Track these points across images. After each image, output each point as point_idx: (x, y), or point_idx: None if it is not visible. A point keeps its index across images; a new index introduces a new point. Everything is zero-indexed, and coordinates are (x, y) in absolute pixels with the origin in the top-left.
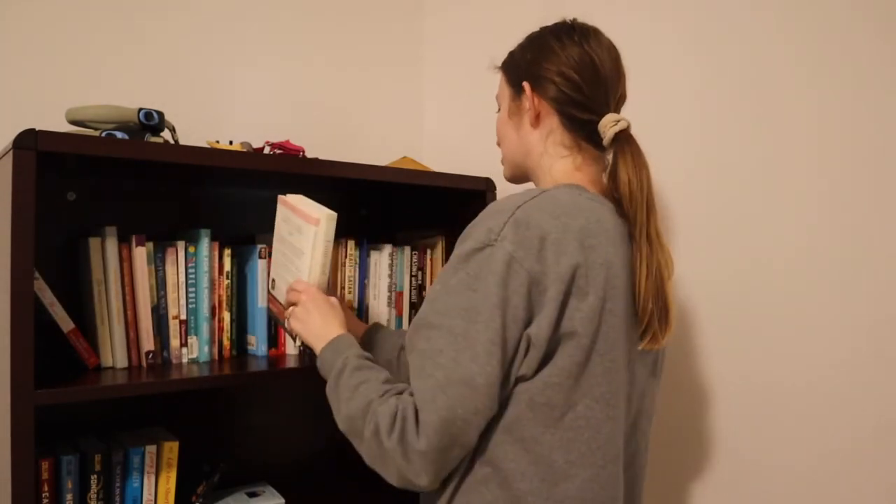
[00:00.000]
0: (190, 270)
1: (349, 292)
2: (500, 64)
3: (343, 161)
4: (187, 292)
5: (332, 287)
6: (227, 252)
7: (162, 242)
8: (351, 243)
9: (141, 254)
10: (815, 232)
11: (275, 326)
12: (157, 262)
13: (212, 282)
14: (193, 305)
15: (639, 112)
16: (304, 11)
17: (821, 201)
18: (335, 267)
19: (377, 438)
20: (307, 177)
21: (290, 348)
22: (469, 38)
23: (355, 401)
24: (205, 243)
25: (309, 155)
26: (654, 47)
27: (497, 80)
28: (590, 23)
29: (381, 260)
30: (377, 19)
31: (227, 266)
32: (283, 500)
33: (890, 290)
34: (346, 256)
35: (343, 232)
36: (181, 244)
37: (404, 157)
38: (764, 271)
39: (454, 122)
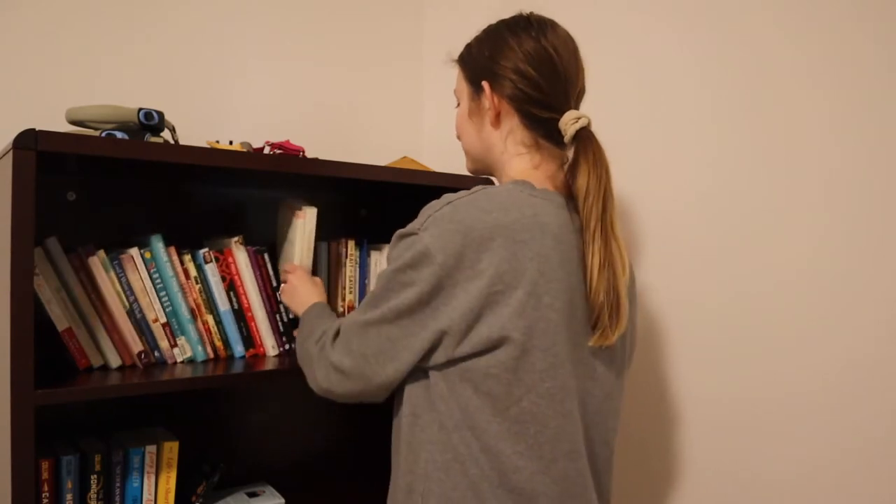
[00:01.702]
0: (154, 275)
1: (349, 292)
2: (456, 57)
3: (343, 161)
4: (159, 297)
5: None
6: (188, 258)
7: (114, 251)
8: (351, 243)
9: (95, 263)
10: (811, 241)
11: (246, 328)
12: (117, 269)
13: (181, 286)
14: (170, 308)
15: (642, 118)
16: (305, 11)
17: (821, 209)
18: (335, 267)
19: (304, 346)
20: (307, 177)
21: (270, 350)
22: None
23: (314, 331)
24: (159, 248)
25: (309, 155)
26: (656, 49)
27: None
28: (591, 23)
29: (381, 260)
30: (377, 19)
31: (193, 271)
32: (282, 500)
33: (887, 303)
34: (346, 256)
35: (343, 232)
36: (135, 251)
37: (404, 157)
38: (753, 282)
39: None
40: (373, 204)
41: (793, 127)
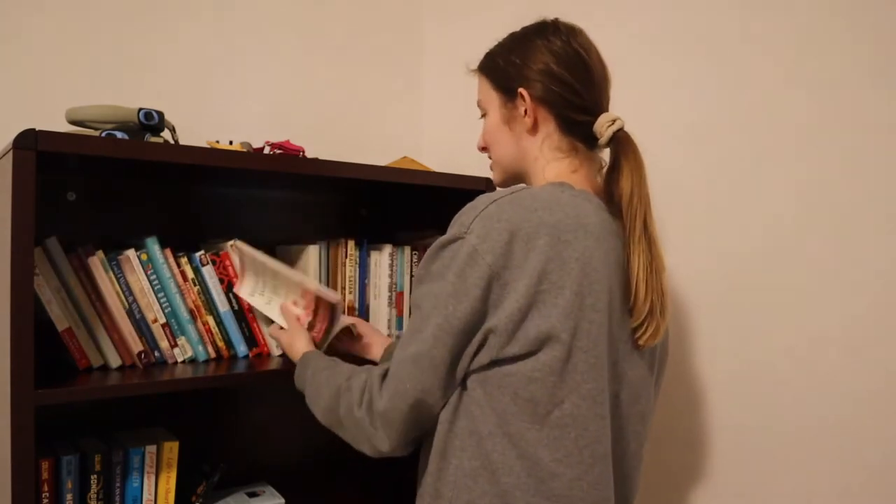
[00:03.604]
0: (152, 277)
1: (349, 292)
2: (477, 66)
3: (343, 161)
4: (158, 298)
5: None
6: (184, 260)
7: (112, 252)
8: (351, 243)
9: (95, 263)
10: (807, 226)
11: (248, 328)
12: (115, 270)
13: (179, 287)
14: (169, 309)
15: (633, 107)
16: (305, 11)
17: (810, 196)
18: (335, 266)
19: (351, 415)
20: (307, 177)
21: (274, 349)
22: (469, 37)
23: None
24: (155, 251)
25: (309, 155)
26: (649, 45)
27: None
28: (590, 23)
29: (381, 260)
30: (377, 20)
31: (190, 273)
32: (282, 500)
33: (884, 285)
34: (346, 256)
35: (343, 232)
36: (132, 252)
37: (404, 157)
38: (756, 267)
39: (454, 122)
40: (373, 204)
41: (783, 118)
